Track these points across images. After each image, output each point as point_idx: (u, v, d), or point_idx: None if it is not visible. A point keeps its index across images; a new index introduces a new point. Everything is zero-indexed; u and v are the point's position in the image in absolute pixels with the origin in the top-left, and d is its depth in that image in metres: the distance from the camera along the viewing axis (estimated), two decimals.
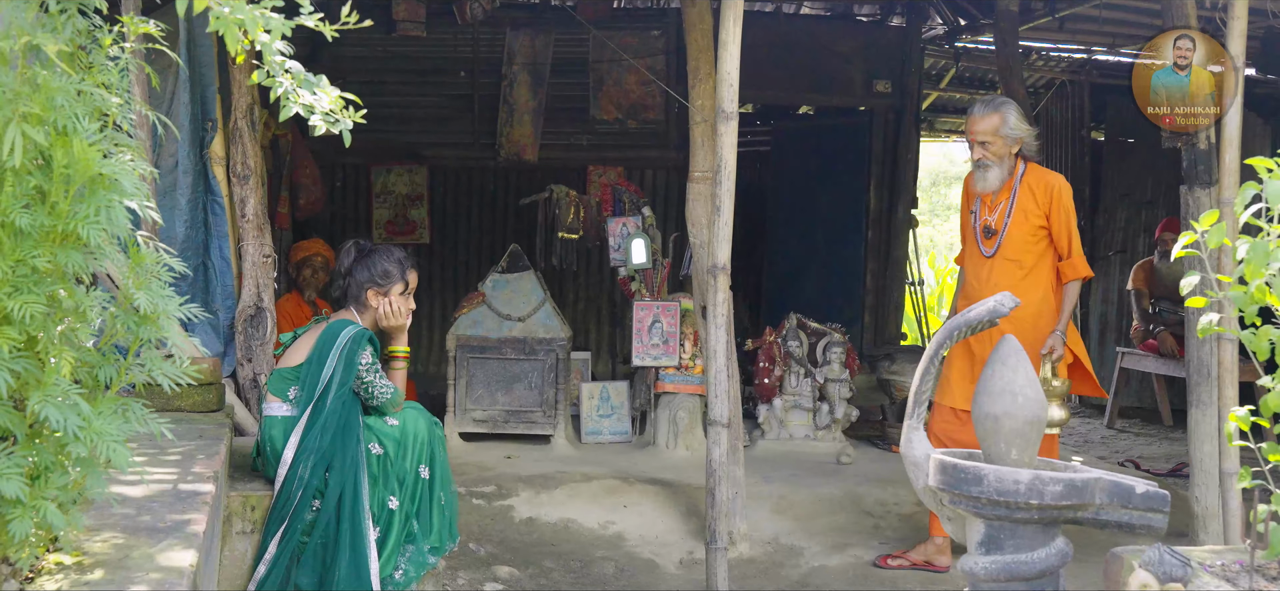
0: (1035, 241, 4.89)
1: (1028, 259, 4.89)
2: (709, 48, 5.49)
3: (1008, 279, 4.85)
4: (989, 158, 4.89)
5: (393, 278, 4.44)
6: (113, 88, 2.34)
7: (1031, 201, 4.88)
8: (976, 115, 4.92)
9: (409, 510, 4.26)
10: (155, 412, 3.78)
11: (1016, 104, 4.95)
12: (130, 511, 2.91)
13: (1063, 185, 4.94)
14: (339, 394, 4.16)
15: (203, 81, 5.28)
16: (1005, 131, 4.86)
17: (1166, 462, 7.40)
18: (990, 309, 3.00)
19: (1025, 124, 4.93)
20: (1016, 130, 4.87)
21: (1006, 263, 4.92)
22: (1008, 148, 4.88)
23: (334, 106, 2.26)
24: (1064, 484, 2.72)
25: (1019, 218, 4.88)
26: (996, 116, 4.88)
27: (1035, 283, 4.89)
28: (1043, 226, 4.89)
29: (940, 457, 2.86)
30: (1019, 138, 4.89)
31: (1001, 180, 4.90)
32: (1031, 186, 4.89)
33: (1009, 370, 2.87)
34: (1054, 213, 4.88)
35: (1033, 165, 4.95)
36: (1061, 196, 4.89)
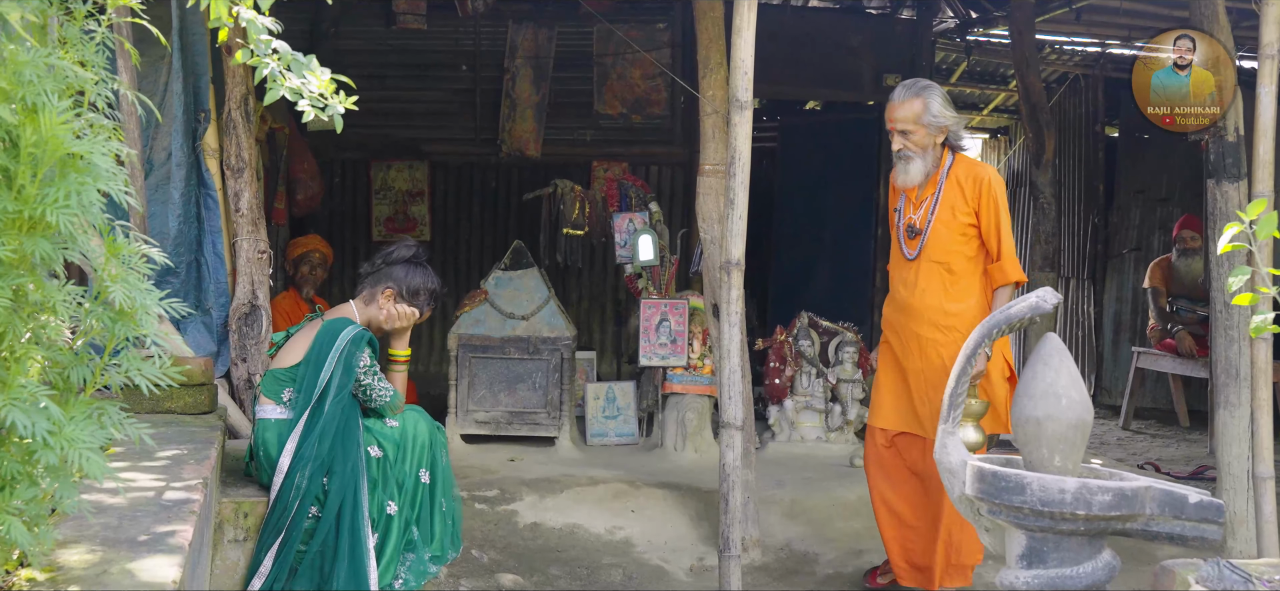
0: (964, 241, 4.37)
1: (956, 261, 4.38)
2: (720, 36, 5.34)
3: (934, 284, 4.39)
4: (910, 148, 4.38)
5: (418, 300, 4.34)
6: (88, 63, 2.15)
7: (959, 196, 4.36)
8: (896, 100, 4.41)
9: (409, 516, 4.10)
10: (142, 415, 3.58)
11: (941, 90, 4.43)
12: (111, 521, 2.72)
13: (994, 178, 4.39)
14: (338, 397, 3.99)
15: (196, 71, 5.12)
16: (928, 119, 4.33)
17: (1187, 465, 7.23)
18: (1032, 305, 2.80)
19: (951, 110, 4.39)
20: (941, 117, 4.34)
21: (932, 265, 4.40)
22: (932, 137, 4.36)
23: (324, 90, 2.06)
24: (1113, 493, 2.53)
25: (945, 214, 4.37)
26: (918, 101, 4.35)
27: (966, 288, 4.38)
28: (972, 224, 4.36)
29: (979, 465, 2.67)
30: (944, 126, 4.36)
31: (926, 173, 4.40)
32: (959, 180, 4.37)
33: (1051, 370, 2.68)
34: (983, 209, 4.34)
35: (962, 157, 4.44)
36: (992, 191, 4.34)
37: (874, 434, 4.58)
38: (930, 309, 4.38)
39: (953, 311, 4.35)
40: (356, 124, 9.56)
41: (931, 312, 4.38)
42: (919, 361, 4.42)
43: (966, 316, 4.32)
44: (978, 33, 9.28)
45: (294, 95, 2.10)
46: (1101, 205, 9.88)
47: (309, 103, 2.10)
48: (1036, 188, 7.32)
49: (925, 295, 4.38)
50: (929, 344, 4.38)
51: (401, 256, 4.35)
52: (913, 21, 9.15)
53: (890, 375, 4.54)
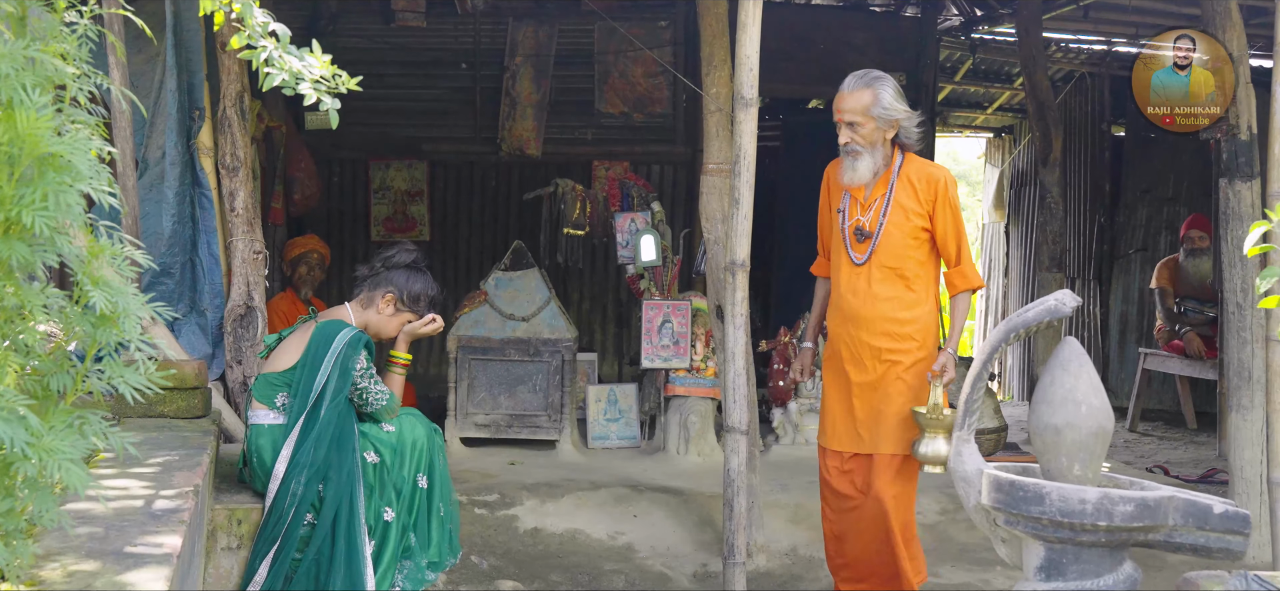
0: (917, 246, 4.09)
1: (909, 266, 4.10)
2: (724, 32, 5.27)
3: (887, 290, 4.10)
4: (858, 142, 4.07)
5: (419, 307, 4.25)
6: (70, 57, 2.05)
7: (911, 198, 4.08)
8: (844, 90, 4.12)
9: (406, 522, 4.00)
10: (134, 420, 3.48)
11: (894, 81, 4.12)
12: (97, 532, 2.63)
13: (948, 179, 4.12)
14: (334, 402, 3.90)
15: (190, 68, 5.03)
16: (877, 111, 4.02)
17: (1196, 468, 7.14)
18: (1051, 308, 2.71)
19: (903, 104, 4.08)
20: (891, 110, 4.03)
21: (884, 271, 4.10)
22: (881, 132, 4.05)
23: (325, 74, 1.96)
24: (1135, 503, 2.44)
25: (897, 217, 4.07)
26: (867, 92, 4.05)
27: (919, 294, 4.12)
28: (925, 228, 4.08)
29: (995, 473, 2.58)
30: (894, 120, 4.05)
31: (874, 171, 4.10)
32: (911, 179, 4.09)
33: (1070, 376, 2.59)
34: (938, 211, 4.06)
35: (913, 156, 4.15)
36: (948, 192, 4.07)
37: (826, 456, 4.25)
38: (882, 317, 4.09)
39: (906, 319, 4.08)
40: (355, 122, 9.49)
41: (884, 321, 4.09)
42: (869, 373, 4.13)
43: (921, 324, 4.09)
44: (983, 30, 9.20)
45: (293, 78, 2.00)
46: (1107, 205, 9.79)
47: (311, 86, 1.99)
48: (1044, 187, 7.23)
49: (877, 303, 4.09)
50: (881, 354, 4.10)
51: (402, 261, 4.25)
52: (917, 19, 9.07)
53: (839, 391, 4.22)
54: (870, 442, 4.09)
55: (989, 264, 12.10)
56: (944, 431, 3.78)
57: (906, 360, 4.06)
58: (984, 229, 12.39)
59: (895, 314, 4.08)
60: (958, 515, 5.57)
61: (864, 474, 4.13)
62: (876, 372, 4.10)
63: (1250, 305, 5.23)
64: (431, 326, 4.30)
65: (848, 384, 4.16)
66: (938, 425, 3.79)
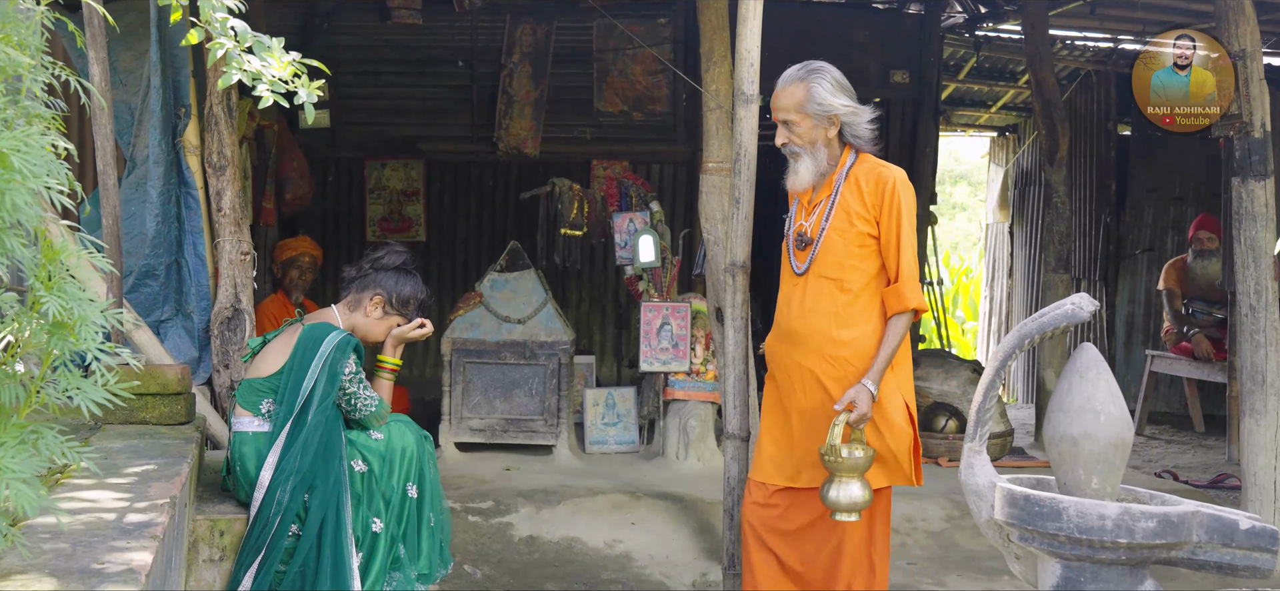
0: (862, 256, 3.63)
1: (853, 278, 3.64)
2: (724, 28, 5.16)
3: (825, 305, 3.65)
4: (795, 142, 3.70)
5: (408, 310, 4.13)
6: (24, 46, 1.92)
7: (857, 201, 3.63)
8: (778, 86, 3.73)
9: (395, 532, 3.88)
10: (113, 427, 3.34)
11: (835, 72, 3.69)
12: (64, 548, 2.49)
13: (900, 182, 3.62)
14: (321, 408, 3.78)
15: (175, 65, 4.91)
16: (812, 107, 3.63)
17: (1205, 472, 7.02)
18: (1067, 313, 2.58)
19: (844, 97, 3.64)
20: (828, 105, 3.62)
21: (823, 282, 3.67)
22: (821, 129, 3.66)
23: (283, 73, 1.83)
24: (1158, 519, 2.31)
25: (840, 221, 3.64)
26: (800, 87, 3.65)
27: (863, 311, 3.64)
28: (871, 234, 3.62)
29: (1009, 487, 2.45)
30: (832, 115, 3.63)
31: (819, 173, 3.70)
32: (858, 181, 3.65)
33: (1088, 384, 2.46)
34: (885, 217, 3.60)
35: (866, 156, 3.70)
36: (896, 196, 3.59)
37: (751, 488, 3.82)
38: (817, 335, 3.66)
39: (843, 339, 3.62)
40: (350, 121, 9.33)
41: (818, 340, 3.66)
42: (804, 399, 3.70)
43: (859, 345, 3.61)
44: (987, 28, 9.07)
45: (251, 79, 1.87)
46: (1113, 204, 9.67)
47: (268, 88, 1.86)
48: (1050, 187, 7.09)
49: (812, 318, 3.66)
50: (817, 378, 3.66)
51: (391, 263, 4.13)
52: (920, 17, 8.95)
53: (773, 418, 3.81)
54: (805, 475, 3.68)
55: (993, 265, 11.97)
56: (852, 474, 3.41)
57: (841, 387, 3.60)
58: (988, 229, 12.26)
59: (831, 332, 3.64)
60: (964, 522, 5.45)
61: (798, 512, 3.70)
62: (809, 398, 3.68)
63: (1264, 307, 5.10)
64: (421, 331, 4.18)
65: (784, 411, 3.77)
66: (841, 468, 3.40)
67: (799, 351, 3.71)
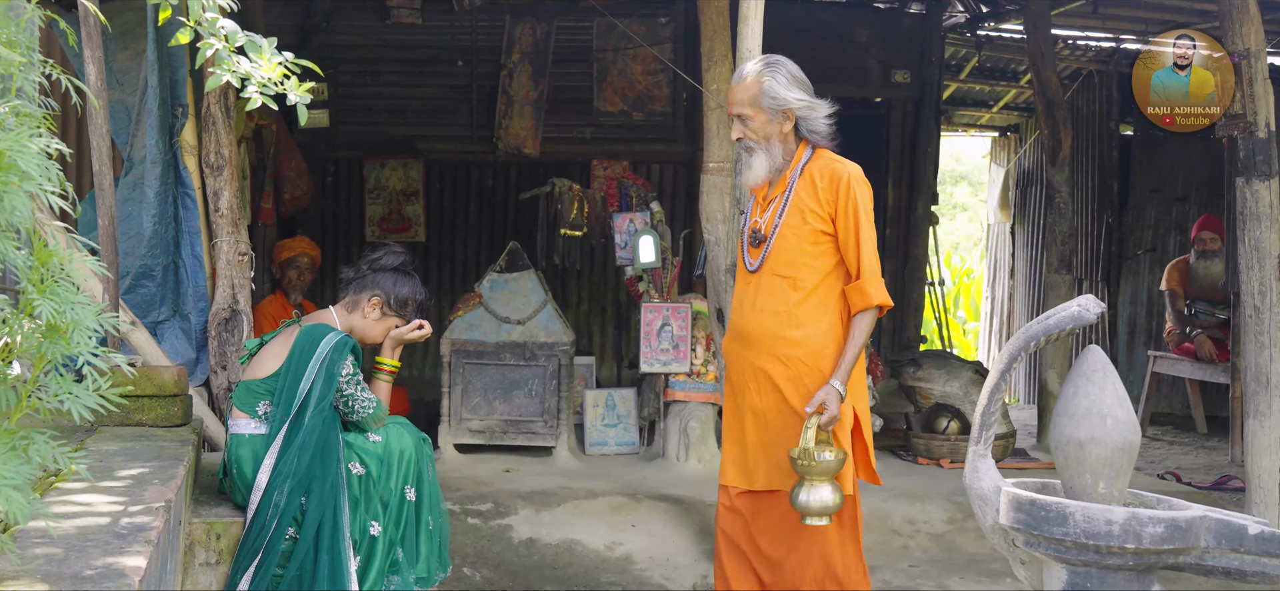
0: (817, 253, 3.55)
1: (806, 275, 3.55)
2: (725, 27, 5.14)
3: (778, 303, 3.57)
4: (750, 137, 3.60)
5: (406, 311, 4.08)
6: (15, 44, 1.89)
7: (812, 197, 3.55)
8: (733, 80, 3.69)
9: (393, 536, 3.84)
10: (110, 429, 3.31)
11: (791, 66, 3.61)
12: (56, 552, 2.46)
13: (855, 177, 3.55)
14: (318, 409, 3.74)
15: (172, 64, 4.89)
16: (766, 101, 3.55)
17: (1208, 474, 6.98)
18: (1073, 315, 2.55)
19: (798, 91, 3.57)
20: (783, 99, 3.54)
21: (776, 280, 3.58)
22: (775, 124, 3.57)
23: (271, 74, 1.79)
24: (1166, 524, 2.28)
25: (794, 219, 3.57)
26: (753, 82, 3.57)
27: (817, 310, 3.55)
28: (827, 232, 3.55)
29: (1015, 492, 2.41)
30: (786, 109, 3.55)
31: (774, 168, 3.62)
32: (813, 177, 3.57)
33: (1095, 387, 2.42)
34: (841, 213, 3.52)
35: (823, 151, 3.63)
36: (851, 191, 3.52)
37: (720, 494, 3.78)
38: (769, 335, 3.59)
39: (796, 339, 3.54)
40: (349, 121, 9.29)
41: (770, 340, 3.58)
42: (758, 399, 3.63)
43: (813, 345, 3.52)
44: (989, 27, 9.04)
45: (239, 81, 1.84)
46: (1115, 205, 9.64)
47: (257, 90, 1.83)
48: (1052, 187, 7.05)
49: (764, 317, 3.58)
50: (770, 378, 3.59)
51: (389, 264, 4.09)
52: (922, 16, 8.92)
53: (731, 420, 3.75)
54: (761, 477, 3.62)
55: (994, 265, 11.94)
56: (823, 478, 3.34)
57: (795, 388, 3.54)
58: (989, 229, 12.23)
59: (782, 331, 3.56)
60: (966, 524, 5.42)
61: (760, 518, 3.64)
62: (764, 400, 3.62)
63: (1269, 308, 5.07)
64: (419, 333, 4.14)
65: (741, 411, 3.70)
66: (812, 472, 3.32)
67: (752, 351, 3.64)
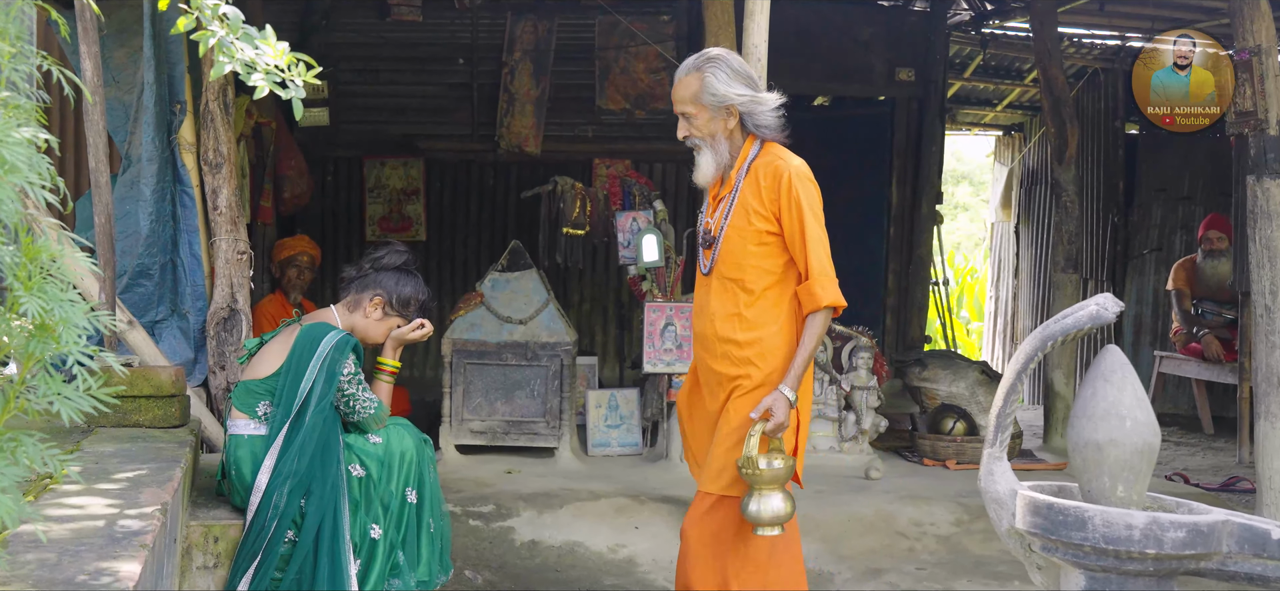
0: (763, 254, 3.43)
1: (754, 278, 3.43)
2: (730, 23, 5.08)
3: (728, 306, 3.46)
4: (695, 135, 3.49)
5: (408, 311, 4.02)
6: (4, 33, 1.83)
7: (755, 196, 3.42)
8: (676, 77, 3.55)
9: (394, 539, 3.78)
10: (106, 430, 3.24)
11: (733, 59, 3.50)
12: (49, 557, 2.40)
13: (797, 174, 3.39)
14: (319, 409, 3.68)
15: (170, 60, 4.82)
16: (707, 98, 3.43)
17: (1216, 475, 6.92)
18: (1092, 314, 2.49)
19: (740, 86, 3.44)
20: (722, 95, 3.42)
21: (725, 283, 3.48)
22: (720, 121, 3.45)
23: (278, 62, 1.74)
24: (1187, 529, 2.22)
25: (739, 219, 3.45)
26: (695, 78, 3.45)
27: (766, 312, 3.43)
28: (773, 232, 3.42)
29: (1032, 495, 2.35)
30: (728, 105, 3.43)
31: (720, 167, 3.51)
32: (758, 175, 3.43)
33: (1113, 388, 2.36)
34: (785, 212, 3.38)
35: (771, 147, 3.49)
36: (793, 189, 3.36)
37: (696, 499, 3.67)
38: (719, 338, 3.48)
39: (744, 341, 3.43)
40: (349, 120, 9.24)
41: (721, 342, 3.48)
42: (712, 402, 3.55)
43: (762, 347, 3.41)
44: (993, 25, 8.99)
45: (245, 69, 1.78)
46: (1121, 204, 9.58)
47: (263, 77, 1.78)
48: (1058, 185, 6.99)
49: (715, 320, 3.48)
50: (721, 382, 3.50)
51: (392, 263, 4.03)
52: (926, 13, 8.87)
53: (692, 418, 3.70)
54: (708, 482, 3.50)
55: (998, 265, 11.88)
56: (773, 487, 3.23)
57: (743, 390, 3.43)
58: (993, 228, 12.17)
59: (732, 334, 3.45)
60: (973, 526, 5.36)
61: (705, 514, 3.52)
62: (715, 402, 3.54)
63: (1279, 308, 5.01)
64: (420, 332, 4.08)
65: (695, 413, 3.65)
66: (760, 480, 3.22)
67: (707, 354, 3.56)
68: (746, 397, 3.43)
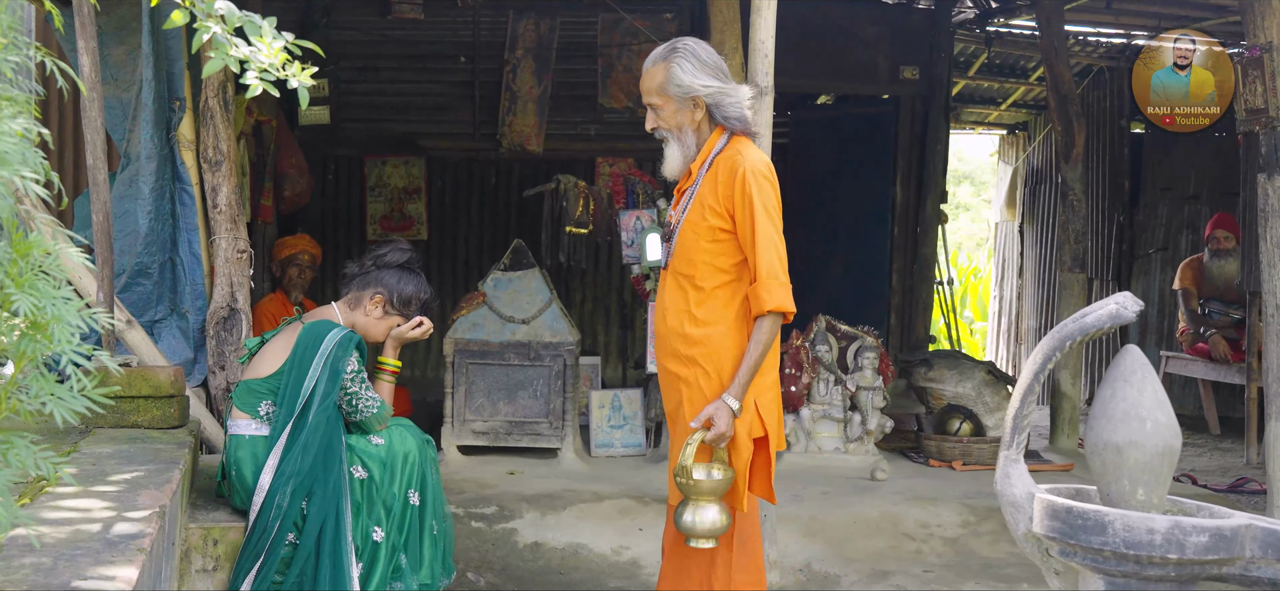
0: (716, 251, 3.32)
1: (705, 275, 3.34)
2: (736, 19, 5.02)
3: (681, 302, 3.37)
4: (662, 126, 3.41)
5: (409, 310, 3.97)
6: None
7: (711, 192, 3.33)
8: (643, 68, 3.46)
9: (397, 541, 3.73)
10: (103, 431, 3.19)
11: (702, 49, 3.39)
12: (44, 562, 2.34)
13: (752, 170, 3.28)
14: (322, 408, 3.62)
15: (169, 57, 4.77)
16: (672, 90, 3.33)
17: (1224, 476, 6.87)
18: (1111, 313, 2.43)
19: (706, 77, 3.34)
20: (687, 86, 3.32)
21: (679, 278, 3.39)
22: (686, 113, 3.37)
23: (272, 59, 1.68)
24: (1210, 533, 2.16)
25: (695, 214, 3.36)
26: (660, 69, 3.36)
27: (717, 311, 3.33)
28: (726, 229, 3.31)
29: (1050, 499, 2.30)
30: (694, 96, 3.33)
31: (686, 159, 3.42)
32: (717, 170, 3.34)
33: (1133, 389, 2.31)
34: (738, 208, 3.28)
35: (738, 141, 3.39)
36: (746, 186, 3.25)
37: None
38: (671, 334, 3.40)
39: (694, 337, 3.33)
40: (350, 118, 9.19)
41: (672, 339, 3.39)
42: (668, 402, 3.48)
43: (710, 345, 3.30)
44: (998, 23, 8.93)
45: (238, 66, 1.73)
46: (1126, 203, 9.52)
47: (257, 75, 1.72)
48: (1065, 184, 6.93)
49: (670, 316, 3.39)
50: (674, 380, 3.40)
51: (394, 261, 3.98)
52: (930, 11, 8.80)
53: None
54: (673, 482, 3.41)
55: (1002, 265, 11.82)
56: (710, 498, 3.14)
57: (692, 391, 3.34)
58: (997, 228, 12.11)
59: (683, 329, 3.36)
60: (980, 528, 5.31)
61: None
62: (669, 400, 3.46)
63: None
64: (418, 330, 4.02)
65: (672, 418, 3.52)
66: (693, 491, 3.13)
67: (661, 352, 3.48)
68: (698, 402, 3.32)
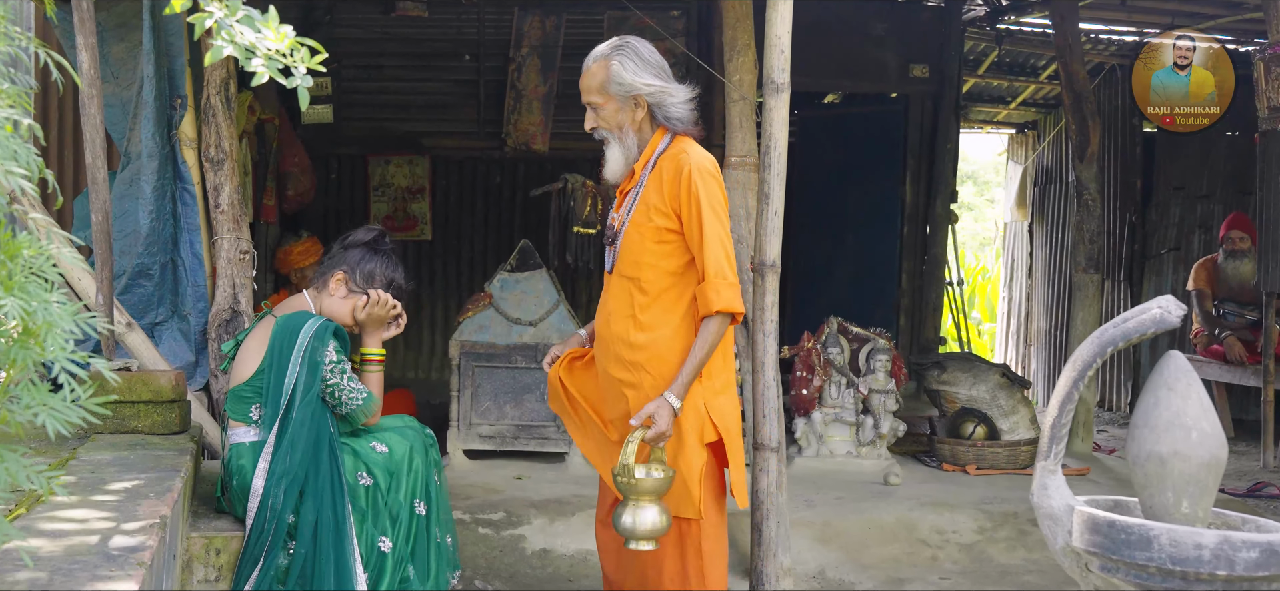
0: (662, 253, 3.27)
1: (651, 278, 3.28)
2: (748, 16, 4.93)
3: (624, 306, 3.31)
4: (602, 126, 3.33)
5: (371, 285, 3.76)
6: None
7: (656, 192, 3.26)
8: (585, 66, 3.37)
9: (403, 552, 3.61)
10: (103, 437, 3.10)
11: (644, 48, 3.32)
12: (40, 576, 2.25)
13: (697, 169, 3.21)
14: (305, 402, 3.48)
15: (170, 53, 4.67)
16: (614, 88, 3.26)
17: (1240, 480, 6.76)
18: (1155, 318, 2.33)
19: (648, 76, 3.27)
20: (629, 85, 3.25)
21: (624, 282, 3.33)
22: (627, 112, 3.29)
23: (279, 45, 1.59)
24: (1261, 549, 2.06)
25: (639, 216, 3.29)
26: (601, 67, 3.28)
27: (662, 314, 3.28)
28: (672, 230, 3.25)
29: (1091, 512, 2.19)
30: (635, 95, 3.26)
31: (629, 160, 3.35)
32: (662, 170, 3.27)
33: (1177, 397, 2.20)
34: (684, 208, 3.22)
35: (681, 140, 3.32)
36: (692, 185, 3.19)
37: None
38: (615, 339, 3.33)
39: (638, 343, 3.27)
40: (353, 117, 9.07)
41: (617, 344, 3.33)
42: (612, 408, 3.40)
43: (655, 350, 3.25)
44: (1009, 21, 8.82)
45: (244, 55, 1.63)
46: (1138, 203, 9.41)
47: (264, 63, 1.62)
48: (1080, 184, 6.83)
49: (614, 320, 3.33)
50: (617, 385, 3.34)
51: (360, 239, 3.83)
52: (940, 9, 8.69)
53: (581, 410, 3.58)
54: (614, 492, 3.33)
55: (1011, 265, 11.71)
56: (650, 498, 3.08)
57: (637, 398, 3.28)
58: (1006, 228, 12.00)
59: (627, 335, 3.30)
60: (997, 534, 5.21)
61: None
62: (614, 409, 3.40)
63: None
64: (381, 308, 3.77)
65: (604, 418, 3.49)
66: (633, 490, 3.07)
67: (604, 356, 3.41)
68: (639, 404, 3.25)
